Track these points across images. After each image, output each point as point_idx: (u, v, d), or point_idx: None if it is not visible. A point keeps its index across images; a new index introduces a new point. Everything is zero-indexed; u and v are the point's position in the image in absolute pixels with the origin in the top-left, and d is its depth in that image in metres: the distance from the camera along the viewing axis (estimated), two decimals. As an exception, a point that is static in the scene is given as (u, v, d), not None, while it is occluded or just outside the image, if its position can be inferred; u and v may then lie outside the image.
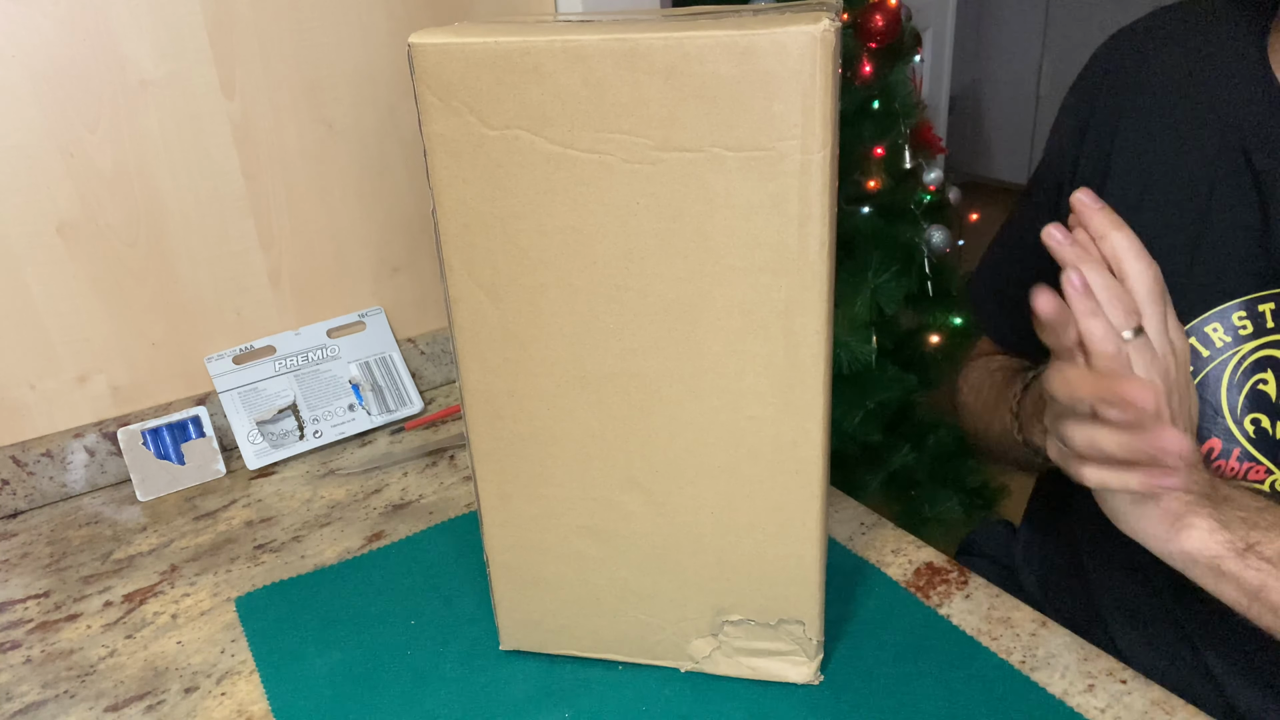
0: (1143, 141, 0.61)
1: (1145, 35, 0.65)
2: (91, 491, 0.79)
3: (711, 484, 0.49)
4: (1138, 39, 0.65)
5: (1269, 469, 0.55)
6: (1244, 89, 0.57)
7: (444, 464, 0.80)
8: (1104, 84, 0.65)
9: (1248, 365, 0.56)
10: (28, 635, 0.62)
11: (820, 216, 0.42)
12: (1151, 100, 0.61)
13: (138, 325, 0.80)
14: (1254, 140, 0.56)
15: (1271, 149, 0.56)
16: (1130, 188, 0.61)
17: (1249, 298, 0.56)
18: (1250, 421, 0.56)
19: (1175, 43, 0.62)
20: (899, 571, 0.62)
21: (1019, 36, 3.85)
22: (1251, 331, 0.56)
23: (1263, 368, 0.55)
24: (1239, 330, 0.56)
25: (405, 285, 0.93)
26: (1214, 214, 0.57)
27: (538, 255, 0.46)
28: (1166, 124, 0.60)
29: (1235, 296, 0.56)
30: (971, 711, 0.51)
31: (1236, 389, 0.56)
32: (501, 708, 0.53)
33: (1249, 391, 0.56)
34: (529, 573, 0.54)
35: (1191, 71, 0.60)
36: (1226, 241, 0.57)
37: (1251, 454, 0.55)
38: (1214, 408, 0.57)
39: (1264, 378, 0.55)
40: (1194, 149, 0.59)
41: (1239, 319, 0.56)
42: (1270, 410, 0.55)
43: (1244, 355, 0.56)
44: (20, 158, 0.72)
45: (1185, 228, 0.58)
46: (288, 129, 0.82)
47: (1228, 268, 0.56)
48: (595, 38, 0.41)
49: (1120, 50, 0.65)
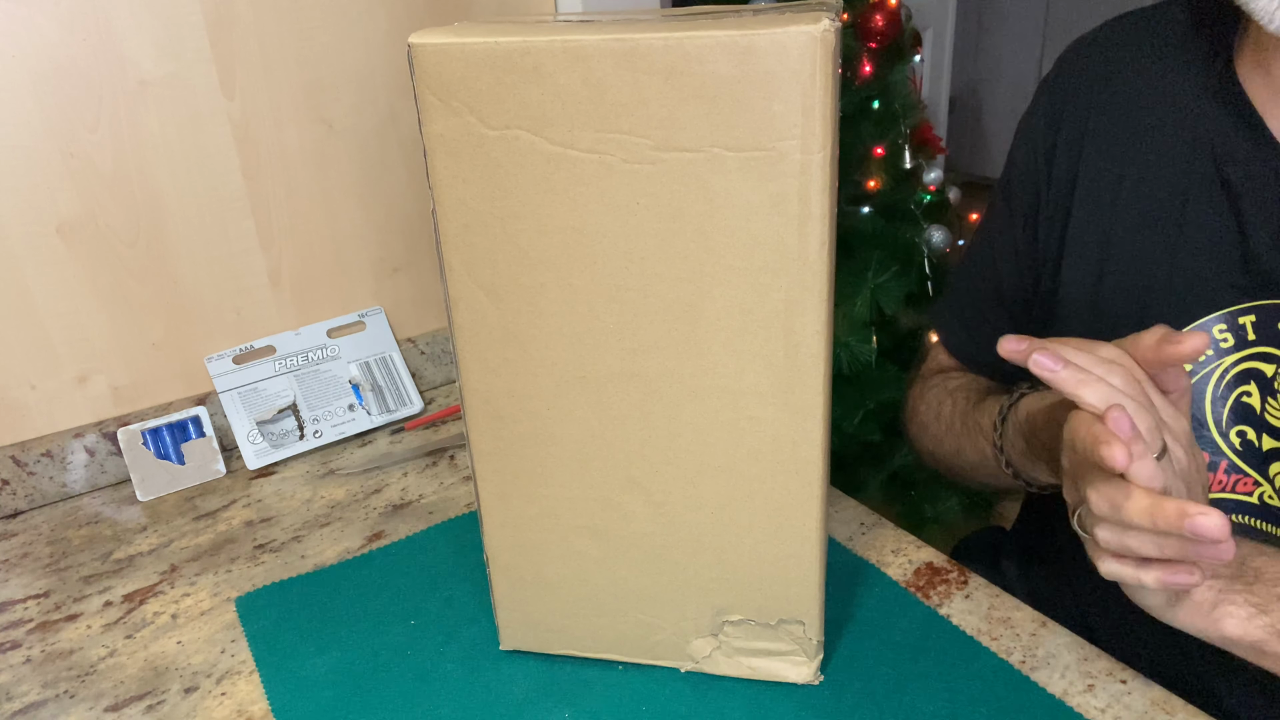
0: (1112, 154, 0.61)
1: (1110, 45, 0.64)
2: (91, 491, 0.79)
3: (711, 484, 0.49)
4: (1102, 48, 0.64)
5: (1256, 480, 0.55)
6: (1211, 100, 0.57)
7: (444, 464, 0.80)
8: (1071, 93, 0.64)
9: (1230, 378, 0.55)
10: (28, 635, 0.62)
11: (820, 216, 0.42)
12: (1120, 111, 0.61)
13: (138, 325, 0.80)
14: (1223, 152, 0.56)
15: (1241, 160, 0.55)
16: (1101, 200, 0.60)
17: (1229, 310, 0.55)
18: (1236, 434, 0.55)
19: (1142, 53, 0.62)
20: (899, 571, 0.62)
21: (1019, 36, 3.85)
22: (1233, 344, 0.55)
23: (1246, 380, 0.55)
24: (1220, 343, 0.56)
25: (405, 285, 0.93)
26: (1189, 226, 0.57)
27: (538, 255, 0.46)
28: (1135, 136, 0.60)
29: (1215, 309, 0.56)
30: (971, 711, 0.51)
31: (1220, 402, 0.56)
32: (501, 708, 0.53)
33: (1233, 404, 0.55)
34: (529, 573, 0.54)
35: (1159, 83, 0.60)
36: (1203, 254, 0.56)
37: (1239, 466, 0.55)
38: (1199, 421, 0.56)
39: (1248, 390, 0.55)
40: (1165, 161, 0.58)
41: (1219, 332, 0.56)
42: (1255, 422, 0.55)
43: (1226, 368, 0.55)
44: (20, 158, 0.72)
45: (1161, 240, 0.58)
46: (288, 129, 0.82)
47: (1206, 280, 0.56)
48: (595, 38, 0.41)
49: (1086, 59, 0.65)
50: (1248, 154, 0.55)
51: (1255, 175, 0.54)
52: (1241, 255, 0.55)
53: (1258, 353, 0.55)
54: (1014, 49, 3.88)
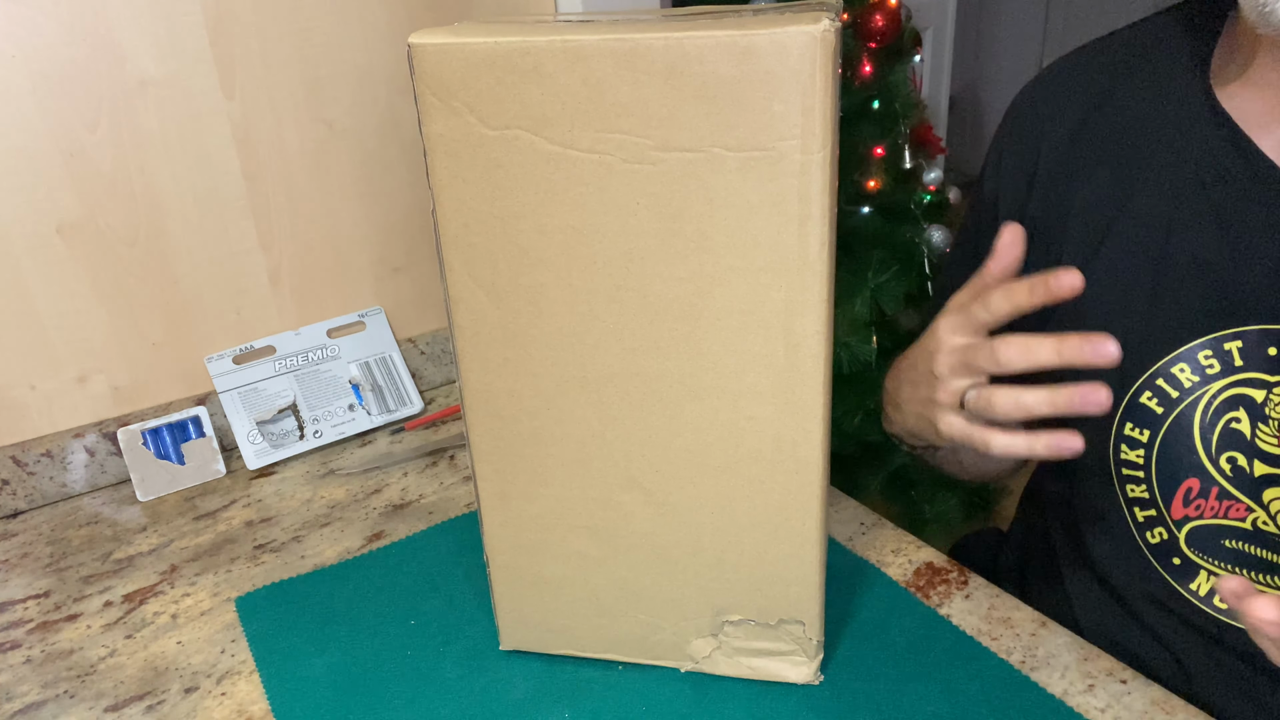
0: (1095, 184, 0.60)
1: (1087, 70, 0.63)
2: (91, 491, 0.79)
3: (711, 484, 0.49)
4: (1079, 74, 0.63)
5: (1249, 506, 0.55)
6: (1194, 121, 0.56)
7: (444, 464, 0.80)
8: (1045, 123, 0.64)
9: (1219, 404, 0.55)
10: (28, 635, 0.62)
11: (820, 216, 0.42)
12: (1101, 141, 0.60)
13: (138, 325, 0.80)
14: (1209, 173, 0.55)
15: (1227, 181, 0.54)
16: (1090, 232, 0.60)
17: (1214, 336, 0.55)
18: (1226, 460, 0.55)
19: (1120, 77, 0.61)
20: (899, 571, 0.62)
21: (1019, 36, 3.85)
22: (1219, 370, 0.55)
23: (1234, 406, 0.55)
24: (1206, 370, 0.55)
25: (405, 285, 0.93)
26: (1173, 253, 0.56)
27: (538, 255, 0.46)
28: (1117, 164, 0.59)
29: (1200, 335, 0.55)
30: (971, 711, 0.51)
31: (1210, 428, 0.55)
32: (501, 708, 0.53)
33: (1222, 430, 0.55)
34: (529, 573, 0.54)
35: (1139, 110, 0.59)
36: (1187, 280, 0.55)
37: (1230, 492, 0.55)
38: (1188, 447, 0.56)
39: (1237, 416, 0.55)
40: (1149, 187, 0.57)
41: (1205, 358, 0.55)
42: (1245, 448, 0.54)
43: (1214, 394, 0.55)
44: (20, 158, 0.72)
45: (1145, 268, 0.57)
46: (288, 129, 0.82)
47: (1190, 306, 0.55)
48: (595, 38, 0.41)
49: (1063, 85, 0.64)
50: (1241, 177, 0.54)
51: (1243, 197, 0.54)
52: (1226, 281, 0.54)
53: (1246, 379, 0.54)
54: (1014, 49, 3.88)
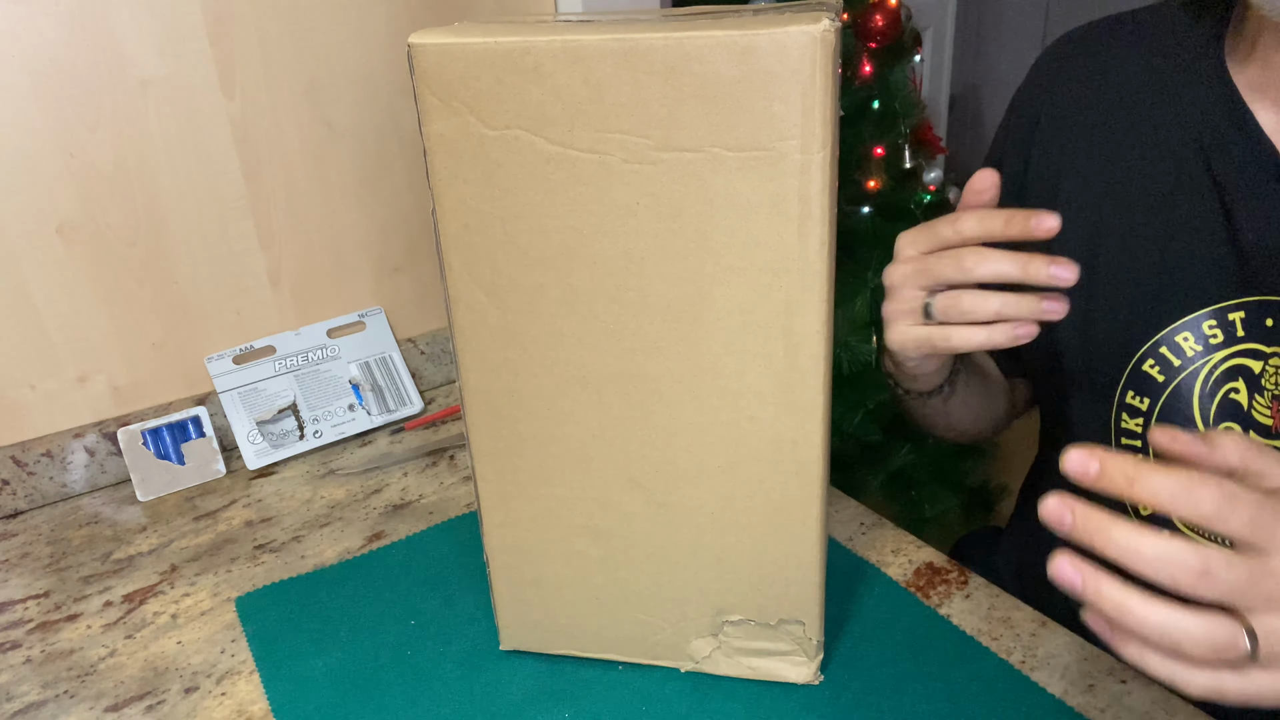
0: (1103, 150, 0.61)
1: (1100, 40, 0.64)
2: (91, 491, 0.79)
3: (711, 484, 0.49)
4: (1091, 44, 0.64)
5: None
6: (1202, 95, 0.57)
7: (444, 464, 0.80)
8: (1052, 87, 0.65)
9: (1219, 374, 0.56)
10: (28, 635, 0.62)
11: (820, 216, 0.42)
12: (1110, 107, 0.61)
13: (138, 325, 0.80)
14: (1213, 147, 0.56)
15: (1231, 155, 0.55)
16: (1091, 195, 0.61)
17: (1218, 306, 0.56)
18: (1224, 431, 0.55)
19: (1132, 48, 0.62)
20: (899, 571, 0.62)
21: (1019, 36, 3.85)
22: (1222, 340, 0.55)
23: (1234, 376, 0.55)
24: (1209, 339, 0.56)
25: (405, 285, 0.93)
26: (1178, 222, 0.57)
27: (538, 255, 0.46)
28: (1125, 130, 0.60)
29: (1205, 305, 0.56)
30: (971, 711, 0.51)
31: (1209, 398, 0.56)
32: (501, 708, 0.53)
33: (1221, 400, 0.55)
34: (529, 573, 0.54)
35: (1149, 78, 0.60)
36: (1192, 249, 0.56)
37: None
38: (1186, 417, 0.56)
39: (1236, 386, 0.55)
40: (1154, 156, 0.58)
41: (1209, 328, 0.56)
42: (1243, 419, 0.55)
43: (1215, 364, 0.56)
44: (20, 158, 0.72)
45: (1151, 236, 0.58)
46: (288, 129, 0.82)
47: (1195, 276, 0.56)
48: (595, 38, 0.41)
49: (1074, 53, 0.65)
50: (1237, 148, 0.55)
51: (1244, 170, 0.55)
52: (1231, 251, 0.55)
53: (1246, 349, 0.55)
54: (1014, 49, 3.88)
